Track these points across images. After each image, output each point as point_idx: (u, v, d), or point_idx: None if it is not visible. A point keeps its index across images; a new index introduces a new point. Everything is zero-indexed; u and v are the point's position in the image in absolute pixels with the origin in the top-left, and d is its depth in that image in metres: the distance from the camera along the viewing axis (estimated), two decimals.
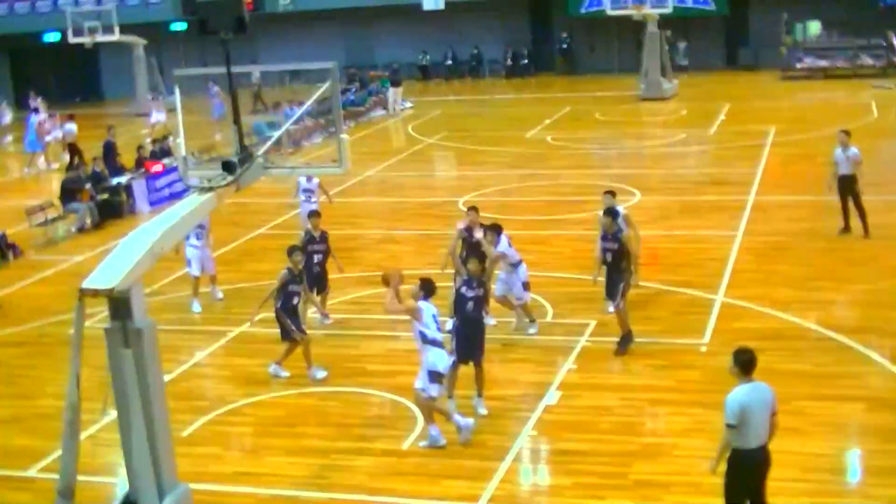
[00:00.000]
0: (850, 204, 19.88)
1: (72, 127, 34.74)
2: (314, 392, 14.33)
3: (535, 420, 12.96)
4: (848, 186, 19.87)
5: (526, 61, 52.01)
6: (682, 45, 47.87)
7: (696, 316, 16.18)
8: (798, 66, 44.83)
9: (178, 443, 10.88)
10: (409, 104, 43.27)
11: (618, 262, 15.06)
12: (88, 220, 25.06)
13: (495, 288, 15.85)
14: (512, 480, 11.66)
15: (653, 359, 14.65)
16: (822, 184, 23.57)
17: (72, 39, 45.16)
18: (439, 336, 12.49)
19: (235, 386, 14.67)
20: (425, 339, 12.34)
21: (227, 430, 13.44)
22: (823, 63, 44.70)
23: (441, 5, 49.30)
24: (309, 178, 20.99)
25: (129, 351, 9.36)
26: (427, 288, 12.66)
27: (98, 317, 10.78)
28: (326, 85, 11.48)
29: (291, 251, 15.08)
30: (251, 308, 15.68)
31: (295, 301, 14.79)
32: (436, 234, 21.41)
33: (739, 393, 9.40)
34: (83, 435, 10.18)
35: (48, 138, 35.61)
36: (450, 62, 53.00)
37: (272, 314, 14.84)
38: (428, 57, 53.19)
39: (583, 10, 49.48)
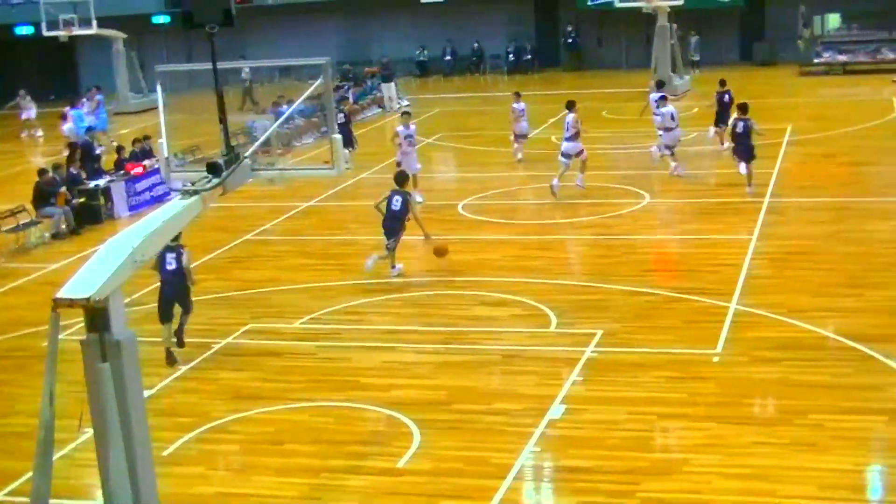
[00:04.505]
0: None
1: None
2: (305, 407, 14.33)
3: (539, 436, 12.95)
4: None
5: (530, 56, 52.08)
6: (694, 39, 47.84)
7: (708, 325, 16.18)
8: (817, 60, 44.83)
9: (159, 462, 10.87)
10: (406, 102, 43.32)
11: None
12: (64, 226, 25.06)
13: None
14: (514, 500, 11.64)
15: (663, 370, 14.64)
16: (842, 184, 23.66)
17: (46, 32, 45.11)
18: None
19: (221, 401, 14.66)
20: None
21: (212, 448, 13.42)
22: (843, 58, 44.71)
23: None
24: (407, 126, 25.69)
25: (106, 365, 9.33)
26: None
27: (74, 328, 10.77)
28: (319, 82, 11.49)
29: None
30: (241, 316, 15.69)
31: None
32: (435, 240, 21.38)
33: None
34: (57, 455, 10.16)
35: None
36: (449, 58, 53.03)
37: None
38: (426, 52, 53.23)
39: (590, 3, 49.39)
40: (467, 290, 18.68)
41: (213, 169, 10.98)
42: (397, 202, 19.36)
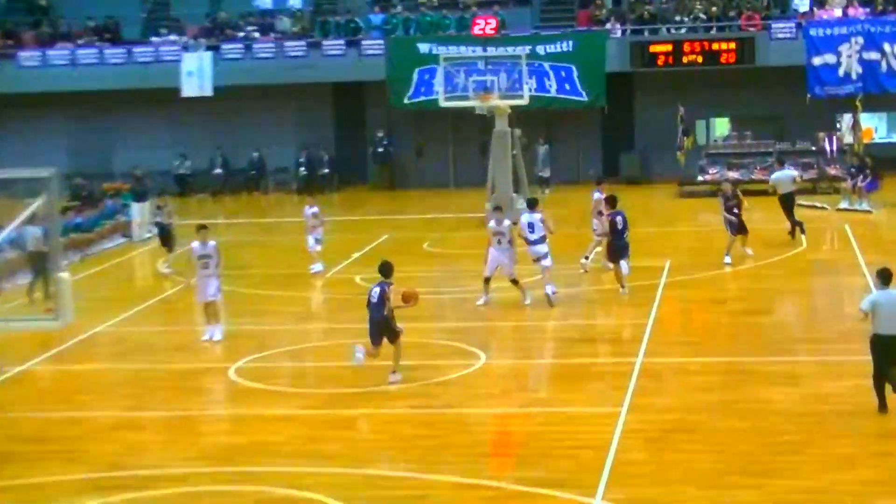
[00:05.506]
0: None
1: None
2: None
3: None
4: None
5: (327, 170, 52.47)
6: (542, 149, 48.39)
7: None
8: (700, 178, 46.05)
9: None
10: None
11: None
12: None
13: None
14: None
15: None
16: (733, 339, 24.20)
17: None
18: None
19: None
20: None
21: None
22: (734, 174, 46.00)
23: (208, 91, 49.56)
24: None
25: None
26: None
27: None
28: (39, 201, 11.35)
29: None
30: None
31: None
32: (197, 416, 21.07)
33: None
34: None
35: None
36: (219, 171, 53.07)
37: None
38: (188, 163, 53.16)
39: (407, 101, 49.99)
40: (240, 485, 18.34)
41: None
42: (374, 294, 22.26)
